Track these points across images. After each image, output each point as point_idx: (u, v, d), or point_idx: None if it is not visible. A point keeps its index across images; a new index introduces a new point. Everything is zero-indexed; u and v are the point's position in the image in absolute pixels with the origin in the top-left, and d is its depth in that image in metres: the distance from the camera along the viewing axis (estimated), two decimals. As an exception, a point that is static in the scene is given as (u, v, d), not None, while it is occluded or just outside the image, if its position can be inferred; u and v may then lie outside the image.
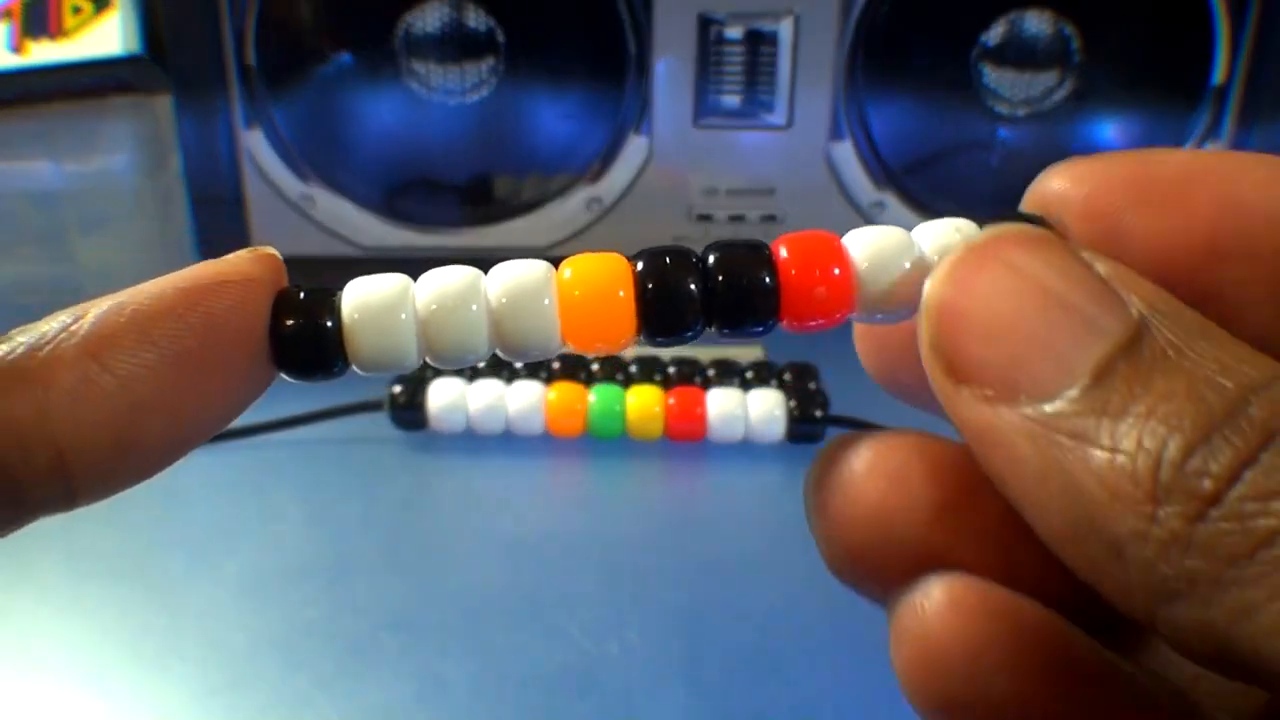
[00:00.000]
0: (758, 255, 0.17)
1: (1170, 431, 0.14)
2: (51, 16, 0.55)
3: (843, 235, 0.17)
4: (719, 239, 0.17)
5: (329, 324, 0.17)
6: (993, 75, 0.52)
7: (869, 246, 0.17)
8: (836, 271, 0.17)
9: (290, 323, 0.17)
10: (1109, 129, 0.54)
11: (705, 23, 0.51)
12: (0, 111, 0.55)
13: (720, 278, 0.17)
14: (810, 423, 0.45)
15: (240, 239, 0.53)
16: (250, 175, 0.53)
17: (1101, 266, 0.15)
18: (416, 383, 0.46)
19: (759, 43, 0.51)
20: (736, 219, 0.54)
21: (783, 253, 0.17)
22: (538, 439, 0.45)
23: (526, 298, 0.17)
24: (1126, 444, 0.14)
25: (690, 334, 0.17)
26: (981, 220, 0.17)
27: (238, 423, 0.18)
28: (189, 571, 0.39)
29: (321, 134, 0.53)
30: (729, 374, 0.46)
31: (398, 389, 0.45)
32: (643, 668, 0.35)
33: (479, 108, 0.53)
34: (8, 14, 0.55)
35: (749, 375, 0.46)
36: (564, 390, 0.45)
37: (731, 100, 0.52)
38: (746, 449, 0.45)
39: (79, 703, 0.34)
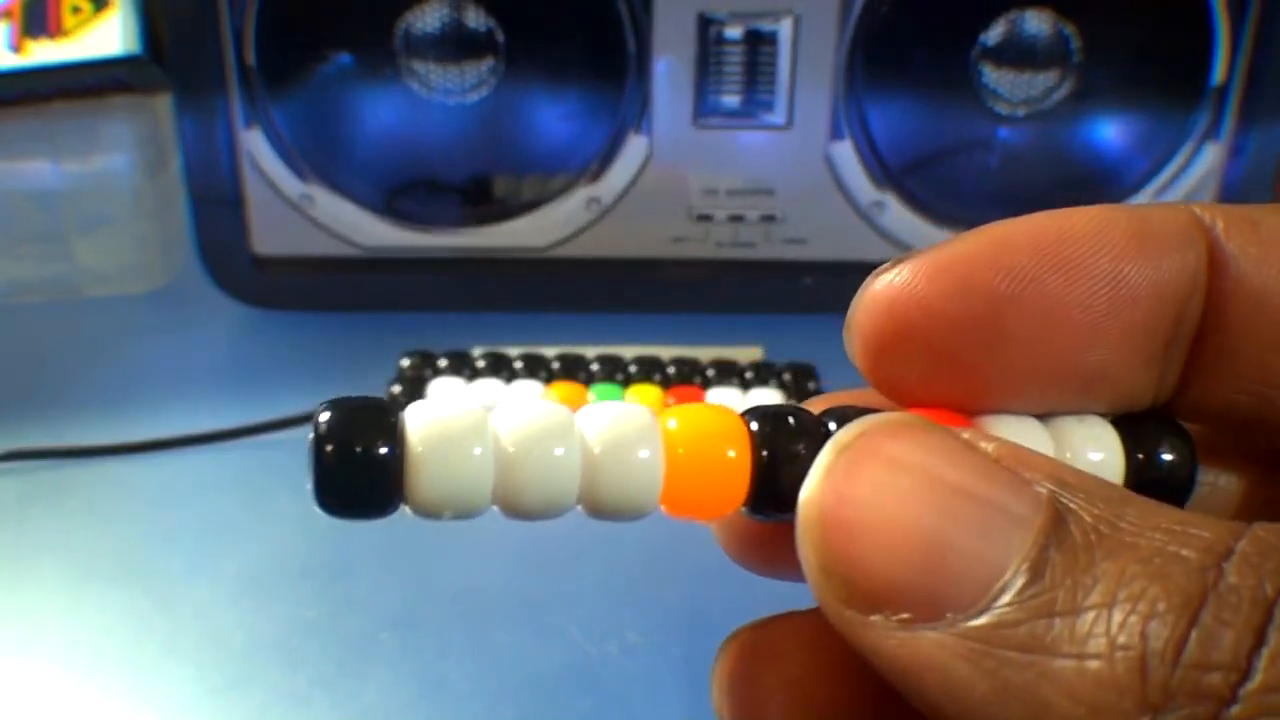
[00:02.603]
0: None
1: (1146, 620, 0.11)
2: (51, 16, 0.55)
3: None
4: (839, 404, 0.16)
5: (386, 451, 0.14)
6: (993, 75, 0.52)
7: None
8: None
9: (339, 447, 0.14)
10: (1109, 129, 0.54)
11: (705, 22, 0.51)
12: (0, 111, 0.55)
13: None
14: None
15: (240, 239, 0.53)
16: (250, 175, 0.53)
17: (988, 446, 0.14)
18: (416, 383, 0.46)
19: (759, 43, 0.51)
20: (736, 219, 0.54)
21: None
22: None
23: (627, 448, 0.14)
24: (1095, 645, 0.11)
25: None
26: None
27: (237, 423, 0.18)
28: (188, 571, 0.39)
29: (321, 134, 0.53)
30: (729, 374, 0.46)
31: (397, 389, 0.45)
32: (642, 668, 0.35)
33: (479, 108, 0.53)
34: (7, 14, 0.55)
35: (748, 375, 0.46)
36: (564, 390, 0.45)
37: (731, 100, 0.52)
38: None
39: (79, 702, 0.34)
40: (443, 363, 0.47)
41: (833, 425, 0.15)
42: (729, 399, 0.45)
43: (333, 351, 0.52)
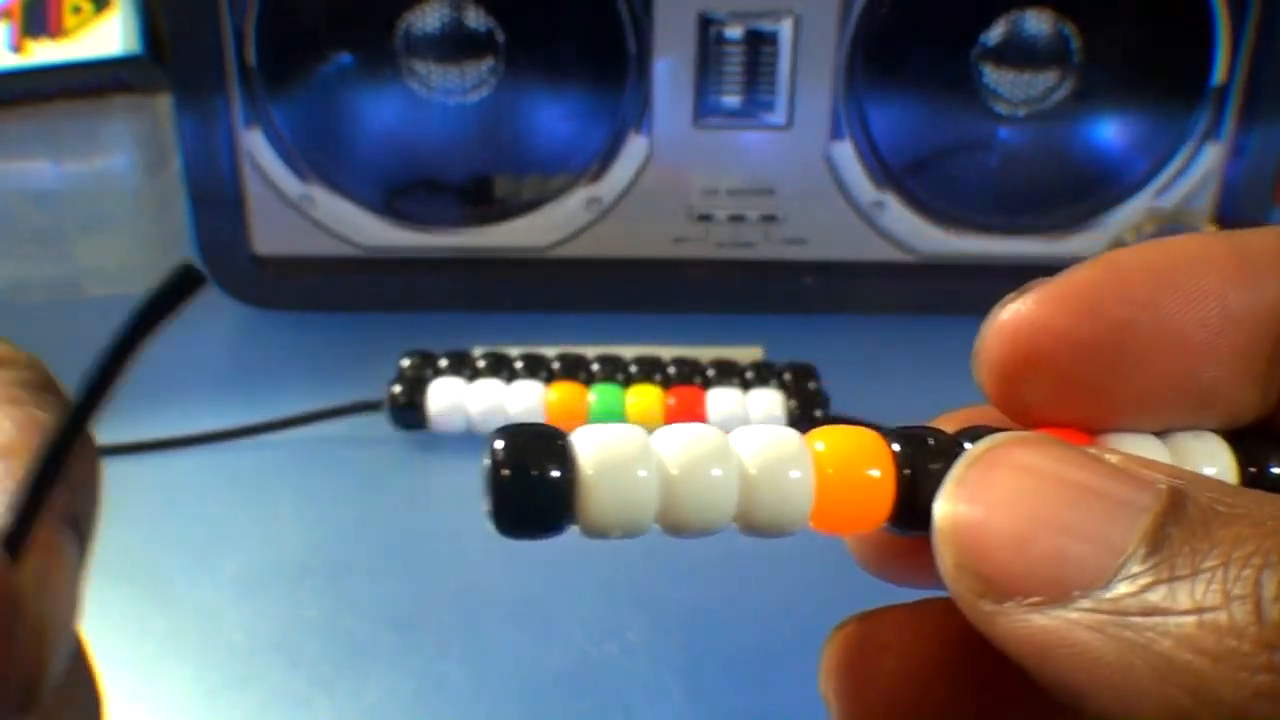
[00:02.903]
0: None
1: (1260, 570, 0.12)
2: (51, 16, 0.55)
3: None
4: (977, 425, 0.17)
5: (559, 474, 0.15)
6: (993, 75, 0.52)
7: None
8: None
9: (515, 472, 0.15)
10: (1109, 129, 0.54)
11: (705, 22, 0.51)
12: (0, 111, 0.55)
13: None
14: (810, 423, 0.45)
15: (240, 239, 0.53)
16: (250, 175, 0.53)
17: (1112, 457, 0.15)
18: (416, 383, 0.46)
19: (759, 43, 0.51)
20: (736, 219, 0.54)
21: None
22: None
23: (781, 467, 0.15)
24: (1212, 599, 0.12)
25: None
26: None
27: (237, 423, 0.18)
28: (188, 571, 0.39)
29: (321, 134, 0.53)
30: (729, 374, 0.46)
31: (397, 389, 0.45)
32: (643, 668, 0.35)
33: (479, 108, 0.53)
34: (8, 14, 0.55)
35: (749, 375, 0.46)
36: (564, 390, 0.45)
37: (731, 100, 0.52)
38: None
39: (79, 703, 0.34)
40: (443, 363, 0.47)
41: (967, 445, 0.16)
42: (729, 399, 0.45)
43: (333, 351, 0.52)
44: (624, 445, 0.15)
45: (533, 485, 0.15)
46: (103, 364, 0.14)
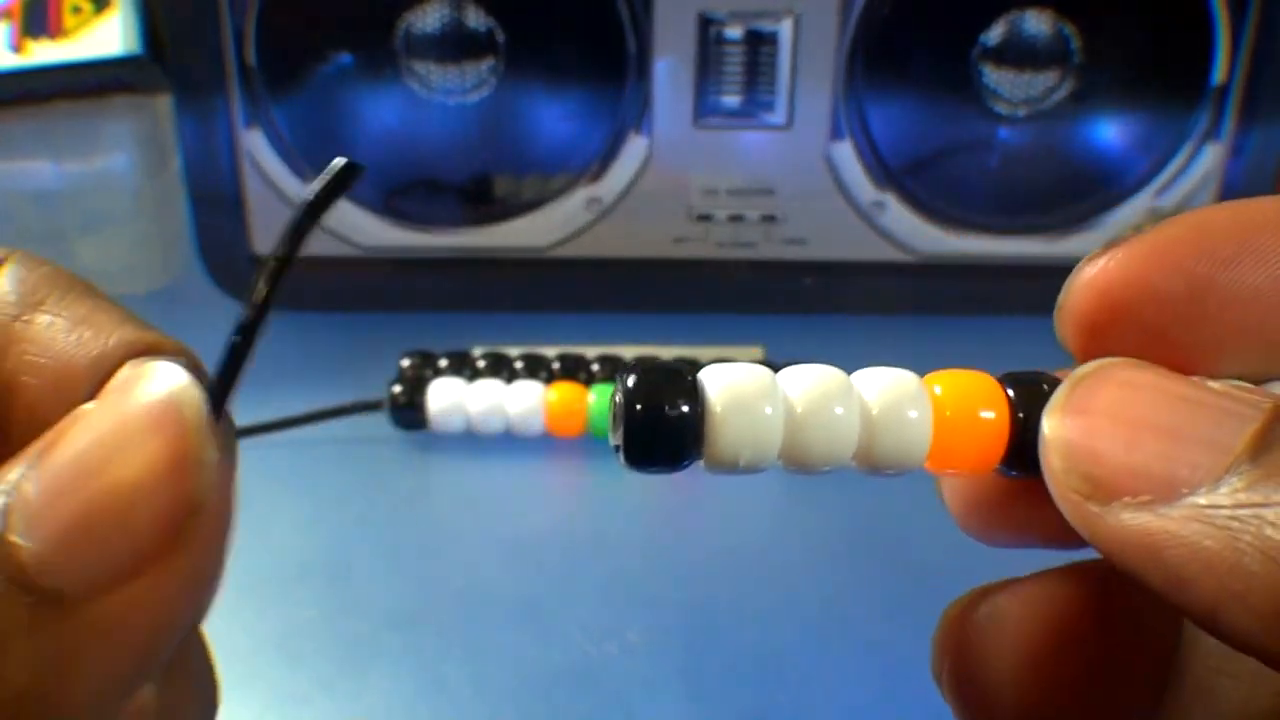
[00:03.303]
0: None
1: None
2: (51, 16, 0.55)
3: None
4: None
5: (688, 410, 0.15)
6: (993, 75, 0.52)
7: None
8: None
9: (646, 407, 0.15)
10: (1109, 129, 0.54)
11: (705, 23, 0.51)
12: (0, 111, 0.55)
13: None
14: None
15: (240, 239, 0.53)
16: (250, 175, 0.53)
17: (1213, 383, 0.16)
18: (416, 383, 0.46)
19: (759, 43, 0.51)
20: (736, 219, 0.54)
21: None
22: (538, 439, 0.45)
23: (901, 407, 0.16)
24: None
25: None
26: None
27: (238, 423, 0.18)
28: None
29: (321, 134, 0.53)
30: (729, 374, 0.46)
31: (397, 389, 0.45)
32: (643, 668, 0.35)
33: (479, 108, 0.53)
34: (8, 14, 0.55)
35: (749, 375, 0.46)
36: (564, 390, 0.45)
37: (731, 100, 0.52)
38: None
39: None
40: (443, 363, 0.47)
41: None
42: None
43: (333, 351, 0.52)
44: (751, 383, 0.15)
45: (664, 420, 0.15)
46: (280, 251, 0.16)
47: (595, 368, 0.46)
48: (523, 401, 0.45)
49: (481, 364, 0.46)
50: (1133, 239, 0.17)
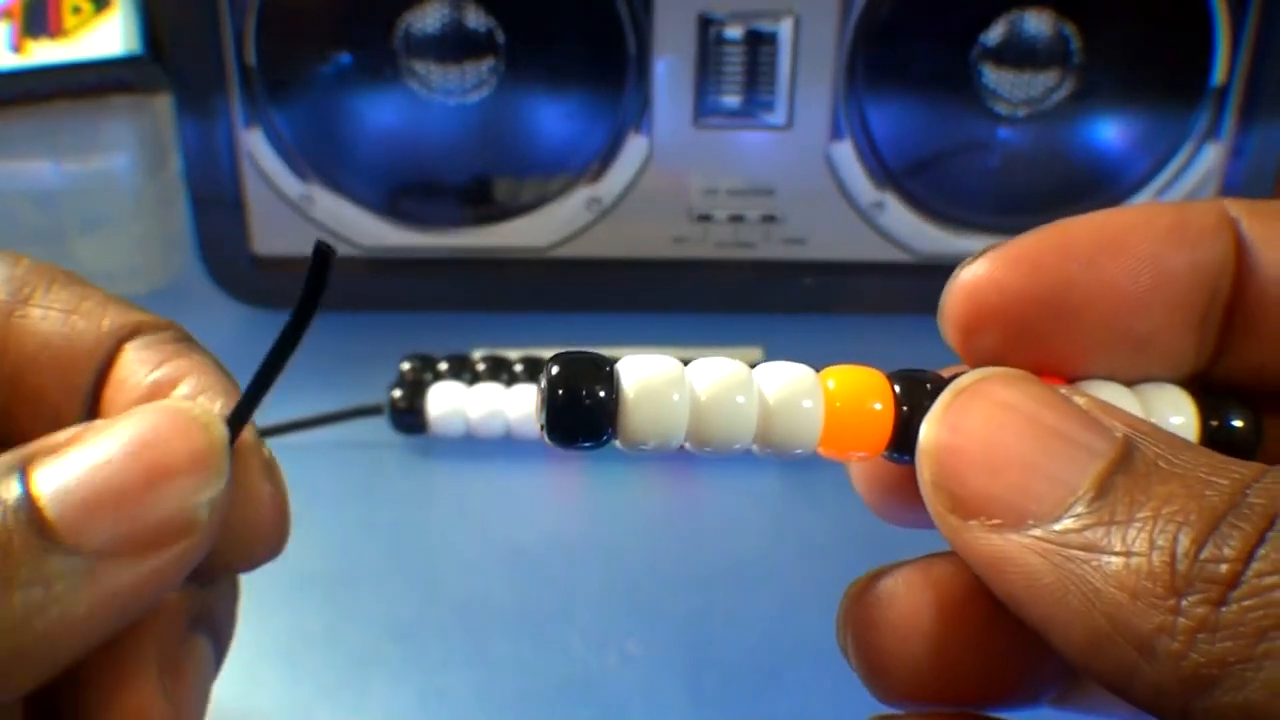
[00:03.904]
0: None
1: (1180, 527, 0.14)
2: (51, 16, 0.55)
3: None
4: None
5: (604, 395, 0.17)
6: (993, 75, 0.52)
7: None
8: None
9: (567, 391, 0.17)
10: (1109, 129, 0.54)
11: (705, 23, 0.50)
12: (0, 111, 0.55)
13: None
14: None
15: (240, 239, 0.53)
16: (250, 175, 0.53)
17: (1079, 399, 0.17)
18: (416, 387, 0.46)
19: (759, 43, 0.51)
20: (736, 219, 0.54)
21: None
22: (538, 443, 0.45)
23: (797, 398, 0.18)
24: (1139, 545, 0.14)
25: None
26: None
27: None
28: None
29: (321, 134, 0.53)
30: (729, 375, 0.46)
31: (398, 394, 0.45)
32: (642, 678, 0.35)
33: (479, 108, 0.53)
34: (8, 14, 0.55)
35: (749, 376, 0.46)
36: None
37: (731, 100, 0.52)
38: (746, 452, 0.45)
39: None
40: (443, 366, 0.47)
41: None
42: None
43: (333, 352, 0.52)
44: (661, 373, 0.17)
45: (581, 404, 0.17)
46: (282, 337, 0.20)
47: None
48: (523, 405, 0.45)
49: (481, 367, 0.46)
50: (1001, 245, 0.18)
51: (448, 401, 0.45)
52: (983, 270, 0.19)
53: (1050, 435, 0.16)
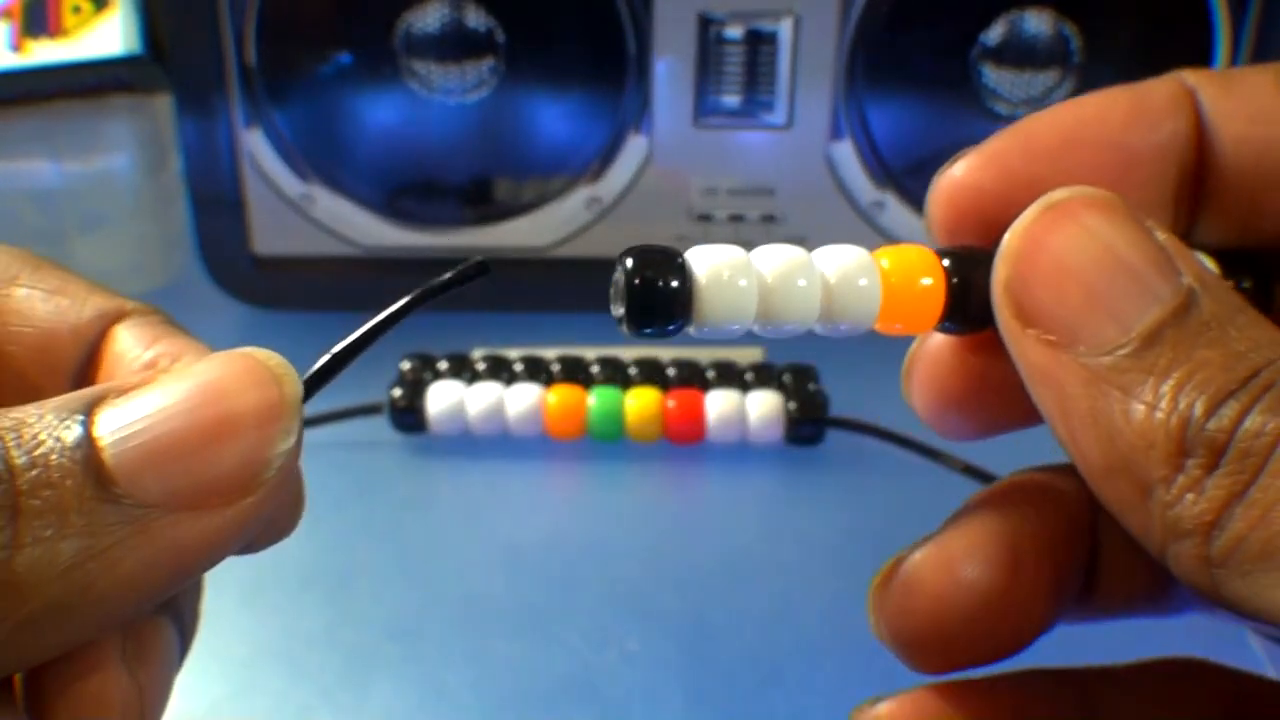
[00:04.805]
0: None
1: (1201, 395, 0.16)
2: (51, 16, 0.55)
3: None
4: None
5: (678, 284, 0.18)
6: (993, 75, 0.52)
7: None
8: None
9: (644, 281, 0.18)
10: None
11: (705, 22, 0.50)
12: (0, 111, 0.55)
13: None
14: (810, 424, 0.45)
15: (240, 239, 0.53)
16: (250, 175, 0.53)
17: (1160, 235, 0.17)
18: (416, 385, 0.46)
19: (759, 43, 0.51)
20: (736, 219, 0.53)
21: None
22: (537, 442, 0.45)
23: (855, 277, 0.19)
24: (1165, 403, 0.16)
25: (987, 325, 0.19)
26: None
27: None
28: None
29: (321, 134, 0.53)
30: (729, 376, 0.46)
31: (397, 392, 0.45)
32: (643, 676, 0.35)
33: (479, 108, 0.53)
34: (8, 14, 0.55)
35: (748, 377, 0.46)
36: (563, 393, 0.45)
37: (731, 100, 0.52)
38: (746, 451, 0.45)
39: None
40: (443, 365, 0.47)
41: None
42: (729, 400, 0.45)
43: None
44: (729, 260, 0.18)
45: (658, 292, 0.18)
46: (384, 316, 0.21)
47: (594, 370, 0.46)
48: (522, 404, 0.45)
49: (481, 366, 0.46)
50: (975, 148, 0.20)
51: (447, 400, 0.45)
52: (959, 174, 0.20)
53: (1119, 269, 0.17)
